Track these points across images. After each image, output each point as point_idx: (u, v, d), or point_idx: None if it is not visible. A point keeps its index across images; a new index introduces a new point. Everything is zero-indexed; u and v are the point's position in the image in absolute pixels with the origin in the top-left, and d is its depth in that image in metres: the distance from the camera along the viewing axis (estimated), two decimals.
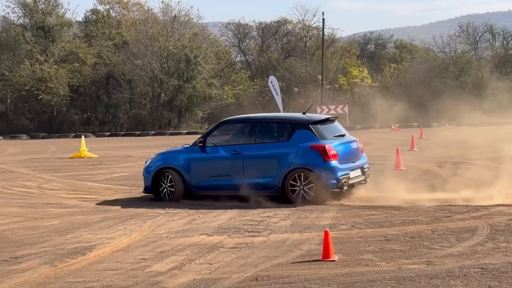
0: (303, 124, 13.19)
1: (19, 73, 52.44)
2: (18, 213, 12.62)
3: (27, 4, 55.83)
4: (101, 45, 56.22)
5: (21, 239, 10.01)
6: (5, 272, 7.87)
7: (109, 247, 9.26)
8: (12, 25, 56.33)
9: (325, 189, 12.52)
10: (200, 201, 13.18)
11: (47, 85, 51.94)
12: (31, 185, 17.45)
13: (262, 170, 12.98)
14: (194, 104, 54.81)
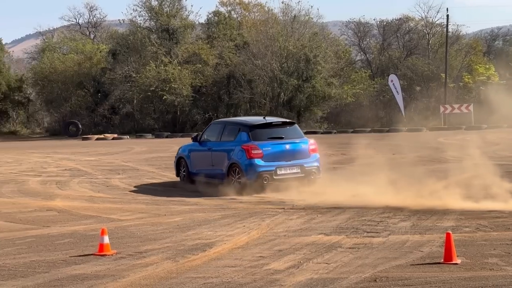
0: (245, 127, 15.83)
1: (145, 75, 54.35)
2: (142, 209, 13.07)
3: (152, 8, 57.78)
4: (222, 46, 57.29)
5: (145, 234, 10.35)
6: (130, 266, 8.16)
7: (228, 244, 9.40)
8: (138, 28, 58.49)
9: (247, 181, 14.88)
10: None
11: (171, 85, 53.55)
12: (155, 182, 18.03)
13: (219, 162, 15.91)
14: (313, 104, 54.75)
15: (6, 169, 23.56)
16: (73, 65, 59.59)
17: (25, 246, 9.53)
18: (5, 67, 64.82)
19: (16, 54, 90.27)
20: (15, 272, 7.92)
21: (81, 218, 12.10)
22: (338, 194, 13.26)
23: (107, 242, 8.89)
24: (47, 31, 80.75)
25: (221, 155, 15.89)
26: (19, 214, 12.70)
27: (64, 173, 21.49)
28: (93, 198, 15.07)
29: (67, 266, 8.22)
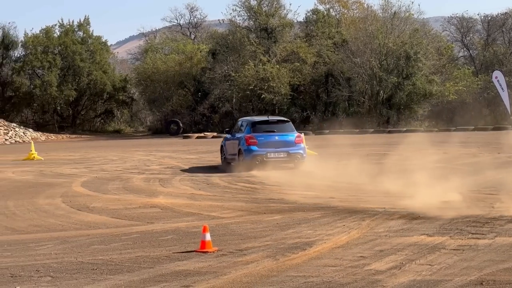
0: (250, 123, 21.64)
1: (243, 74, 54.92)
2: (242, 207, 13.21)
3: (251, 7, 58.32)
4: (321, 44, 57.12)
5: (246, 232, 10.45)
6: (231, 263, 8.26)
7: (328, 243, 9.35)
8: (238, 27, 59.16)
9: (245, 160, 20.57)
10: None
11: (269, 84, 53.88)
12: (254, 180, 18.19)
13: (236, 148, 21.55)
14: (413, 102, 53.69)
15: (112, 167, 24.40)
16: (174, 65, 61.01)
17: (131, 242, 9.82)
18: (110, 68, 67.14)
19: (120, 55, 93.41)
20: (122, 267, 8.18)
21: (183, 215, 12.36)
22: (436, 195, 12.91)
23: (209, 239, 9.03)
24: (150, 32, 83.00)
25: (236, 143, 21.59)
26: (124, 211, 13.11)
27: (166, 171, 22.04)
28: (194, 195, 15.37)
29: (171, 262, 8.41)
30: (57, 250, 9.29)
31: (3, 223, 11.97)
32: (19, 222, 12.04)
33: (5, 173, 22.80)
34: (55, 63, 61.95)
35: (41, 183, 19.15)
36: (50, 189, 17.37)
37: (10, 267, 8.23)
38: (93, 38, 66.53)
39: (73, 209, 13.54)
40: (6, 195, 16.14)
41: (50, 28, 64.95)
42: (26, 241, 10.20)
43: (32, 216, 12.72)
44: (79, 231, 11.01)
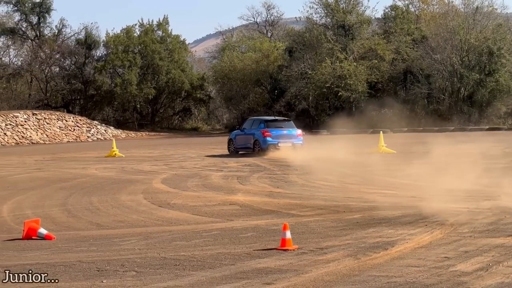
0: (264, 121, 29.20)
1: (320, 71, 54.71)
2: (321, 205, 13.14)
3: (329, 5, 58.04)
4: (399, 41, 56.31)
5: (325, 230, 10.38)
6: (312, 262, 8.22)
7: (410, 243, 9.18)
8: (315, 25, 59.00)
9: (263, 148, 27.83)
10: None
11: (346, 82, 53.49)
12: (332, 179, 18.07)
13: (249, 141, 28.93)
14: (496, 99, 52.24)
15: (190, 164, 24.75)
16: (251, 63, 61.38)
17: (211, 239, 9.91)
18: (188, 66, 68.15)
19: (198, 53, 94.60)
20: (203, 263, 8.26)
21: (262, 213, 12.39)
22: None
23: (289, 237, 9.01)
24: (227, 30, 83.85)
25: (250, 136, 28.70)
26: (204, 208, 13.26)
27: (244, 168, 22.18)
28: (273, 193, 15.40)
29: (251, 259, 8.44)
30: (140, 246, 9.47)
31: (88, 218, 12.31)
32: (103, 218, 12.35)
33: (89, 170, 23.45)
34: (135, 62, 63.35)
35: (122, 179, 19.59)
36: (131, 185, 17.75)
37: (96, 262, 8.44)
38: (172, 37, 67.69)
39: (154, 206, 13.78)
40: (90, 191, 16.59)
41: (130, 27, 66.47)
42: (110, 236, 10.44)
43: (115, 212, 13.03)
44: (161, 227, 11.19)
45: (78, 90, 67.62)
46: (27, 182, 19.42)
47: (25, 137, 51.50)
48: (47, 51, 66.51)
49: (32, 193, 16.64)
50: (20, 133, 51.26)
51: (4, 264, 8.43)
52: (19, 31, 70.51)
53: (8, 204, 14.64)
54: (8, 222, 12.17)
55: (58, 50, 67.20)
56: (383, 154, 26.64)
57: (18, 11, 69.40)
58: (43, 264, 8.37)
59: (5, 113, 53.10)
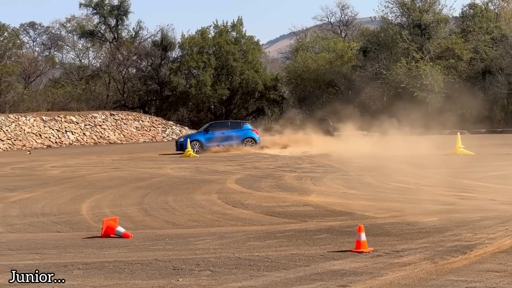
0: (246, 123, 36.46)
1: (395, 71, 53.97)
2: (397, 207, 12.93)
3: (405, 4, 57.18)
4: (477, 40, 54.97)
5: (401, 233, 10.21)
6: (387, 265, 8.10)
7: (490, 247, 8.93)
8: (390, 24, 58.25)
9: (257, 144, 34.57)
10: None
11: (422, 82, 52.58)
12: (408, 180, 17.78)
13: (234, 138, 34.22)
14: None
15: (264, 165, 24.81)
16: (324, 63, 61.11)
17: (285, 239, 9.90)
18: (261, 67, 68.40)
19: (271, 54, 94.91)
20: (278, 264, 8.25)
21: (336, 214, 12.29)
22: None
23: (364, 239, 8.91)
24: (301, 31, 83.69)
25: (235, 135, 34.20)
26: (277, 208, 13.26)
27: (317, 169, 22.08)
28: (347, 194, 15.27)
29: (326, 261, 8.38)
30: (215, 245, 9.55)
31: (164, 218, 12.50)
32: (178, 217, 12.51)
33: (164, 170, 23.83)
34: (210, 63, 64.01)
35: (197, 179, 19.82)
36: (206, 185, 17.93)
37: (172, 260, 8.56)
38: (246, 38, 68.08)
39: (228, 206, 13.88)
40: (165, 191, 16.85)
41: (205, 29, 67.22)
42: (185, 235, 10.57)
43: (190, 211, 13.18)
44: (235, 227, 11.26)
45: (154, 91, 68.86)
46: (105, 181, 19.89)
47: (103, 137, 52.82)
48: (125, 53, 68.01)
49: (110, 192, 17.03)
50: (99, 133, 52.59)
51: (84, 261, 8.65)
52: (98, 34, 72.39)
53: (87, 202, 15.03)
54: (87, 220, 12.49)
55: (135, 52, 68.63)
56: (460, 156, 26.05)
57: (97, 14, 71.25)
58: (121, 262, 8.54)
59: (84, 114, 54.60)
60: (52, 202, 15.28)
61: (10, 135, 46.88)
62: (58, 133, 50.22)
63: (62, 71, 72.44)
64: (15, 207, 14.64)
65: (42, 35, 77.33)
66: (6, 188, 18.67)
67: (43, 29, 77.23)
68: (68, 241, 10.34)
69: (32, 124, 49.35)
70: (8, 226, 12.09)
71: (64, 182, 19.98)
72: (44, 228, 11.73)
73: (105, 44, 72.97)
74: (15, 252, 9.46)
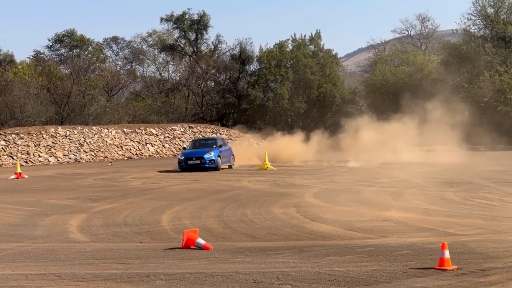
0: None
1: (478, 85, 52.70)
2: (481, 225, 12.57)
3: (488, 16, 55.86)
4: None
5: (486, 251, 9.91)
6: (473, 283, 7.87)
7: None
8: (472, 37, 56.98)
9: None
10: None
11: (506, 96, 51.14)
12: (492, 197, 17.28)
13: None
14: None
15: (341, 178, 24.62)
16: (404, 76, 60.28)
17: (366, 255, 9.76)
18: (339, 80, 68.07)
19: (349, 67, 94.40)
20: (359, 279, 8.14)
21: (418, 230, 12.05)
22: None
23: (447, 257, 8.68)
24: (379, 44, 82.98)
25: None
26: (357, 223, 13.10)
27: (397, 184, 21.74)
28: (428, 210, 14.94)
29: (408, 278, 8.21)
30: (294, 259, 9.51)
31: (243, 230, 12.54)
32: (257, 230, 12.53)
33: (242, 182, 23.96)
34: (287, 76, 64.17)
35: (275, 192, 19.83)
36: (284, 198, 17.92)
37: (252, 273, 8.57)
38: (324, 51, 67.95)
39: (306, 219, 13.80)
40: (244, 203, 16.93)
41: (283, 42, 67.47)
42: (264, 248, 10.57)
43: (268, 224, 13.18)
44: (314, 241, 11.18)
45: (231, 104, 69.52)
46: (184, 193, 20.15)
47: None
48: (204, 67, 69.00)
49: (189, 203, 17.24)
50: (177, 145, 53.40)
51: (166, 272, 8.76)
52: (178, 48, 73.76)
53: (167, 214, 15.25)
54: (168, 231, 12.66)
55: (213, 65, 69.53)
56: None
57: (178, 28, 72.64)
58: (202, 273, 8.61)
59: (164, 126, 55.59)
60: (134, 212, 15.59)
61: (93, 147, 48.21)
62: (138, 145, 51.30)
63: (143, 85, 74.14)
64: (99, 217, 15.00)
65: (124, 49, 79.56)
66: (89, 199, 19.17)
67: (125, 44, 79.44)
68: (150, 251, 10.51)
69: (114, 136, 50.61)
70: (92, 235, 12.39)
71: (144, 193, 20.37)
72: (126, 238, 11.96)
73: (184, 57, 74.27)
74: (99, 261, 9.68)
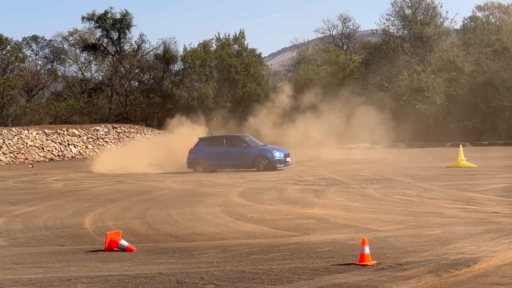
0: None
1: (397, 84, 54.02)
2: (400, 220, 12.92)
3: (406, 16, 57.34)
4: (479, 52, 55.04)
5: (405, 246, 10.20)
6: (391, 278, 8.09)
7: (494, 260, 8.92)
8: (391, 37, 58.40)
9: None
10: None
11: (424, 94, 52.61)
12: (411, 193, 17.77)
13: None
14: None
15: (266, 177, 24.82)
16: (326, 76, 61.14)
17: (289, 253, 9.89)
18: (264, 80, 68.49)
19: (273, 67, 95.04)
20: (282, 277, 8.25)
21: (340, 227, 12.28)
22: None
23: (367, 252, 8.90)
24: (302, 44, 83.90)
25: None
26: (281, 221, 13.25)
27: (320, 182, 22.08)
28: (350, 207, 15.25)
29: (330, 274, 8.37)
30: (218, 259, 9.55)
31: (167, 231, 12.49)
32: (181, 230, 12.51)
33: (167, 183, 23.84)
34: (212, 76, 64.14)
35: (200, 192, 19.82)
36: (208, 198, 17.94)
37: (176, 274, 8.56)
38: (248, 51, 68.23)
39: (231, 219, 13.87)
40: (168, 204, 16.86)
41: (207, 42, 67.40)
42: (189, 248, 10.57)
43: (193, 225, 13.18)
44: (239, 240, 11.25)
45: (156, 104, 68.97)
46: (108, 195, 19.90)
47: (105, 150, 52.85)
48: (127, 66, 68.19)
49: (112, 205, 17.04)
50: (101, 146, 52.63)
51: (87, 275, 8.65)
52: (101, 47, 72.64)
53: (90, 216, 15.03)
54: (90, 234, 12.49)
55: (137, 65, 68.81)
56: (463, 168, 26.04)
57: (100, 28, 71.53)
58: (125, 275, 8.54)
59: (86, 127, 54.67)
60: (55, 215, 15.29)
61: (13, 148, 46.93)
62: (60, 146, 50.26)
63: (64, 85, 72.65)
64: (18, 220, 14.65)
65: (44, 48, 77.69)
66: (8, 202, 18.69)
67: (45, 43, 77.57)
68: (71, 254, 10.35)
69: (35, 137, 49.42)
70: (11, 240, 12.09)
71: (66, 196, 20.00)
72: (47, 242, 11.73)
73: (107, 57, 73.19)
74: (18, 266, 9.46)
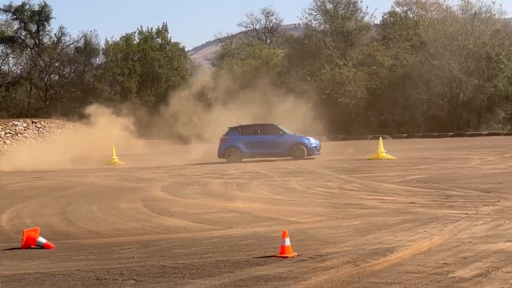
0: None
1: (320, 78, 54.74)
2: (321, 212, 13.13)
3: (327, 11, 58.14)
4: (398, 47, 56.38)
5: (325, 237, 10.37)
6: (311, 269, 8.21)
7: (410, 249, 9.17)
8: (313, 31, 59.10)
9: None
10: None
11: (345, 88, 53.52)
12: (332, 185, 18.07)
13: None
14: (495, 104, 52.32)
15: (190, 171, 24.75)
16: (250, 70, 61.37)
17: (211, 246, 9.90)
18: (187, 74, 68.16)
19: (197, 60, 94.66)
20: (203, 271, 8.25)
21: (262, 220, 12.38)
22: None
23: (288, 245, 9.00)
24: (226, 37, 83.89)
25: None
26: (203, 215, 13.24)
27: (243, 176, 22.17)
28: (272, 200, 15.39)
29: (251, 266, 8.43)
30: (139, 254, 9.47)
31: (87, 227, 12.30)
32: (102, 226, 12.34)
33: (88, 178, 23.44)
34: (135, 70, 63.40)
35: (122, 187, 19.59)
36: (131, 193, 17.75)
37: (95, 270, 8.44)
38: (171, 44, 67.75)
39: (154, 213, 13.77)
40: (89, 200, 16.59)
41: (129, 35, 66.55)
42: (109, 244, 10.44)
43: (114, 220, 13.02)
44: (160, 235, 11.19)
45: (77, 98, 67.64)
46: (26, 191, 19.41)
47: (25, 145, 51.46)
48: (47, 59, 66.57)
49: (31, 201, 16.63)
50: (20, 141, 51.23)
51: (3, 273, 8.42)
52: (18, 40, 70.60)
53: (7, 213, 14.63)
54: (7, 231, 12.16)
55: (57, 58, 67.27)
56: (383, 160, 26.64)
57: (17, 20, 69.51)
58: (42, 273, 8.36)
59: (4, 122, 53.08)
60: None
61: None
62: None
63: None
64: None
65: None
66: None
67: None
68: None
69: None
70: None
71: None
72: None
73: (25, 50, 71.21)
74: None
